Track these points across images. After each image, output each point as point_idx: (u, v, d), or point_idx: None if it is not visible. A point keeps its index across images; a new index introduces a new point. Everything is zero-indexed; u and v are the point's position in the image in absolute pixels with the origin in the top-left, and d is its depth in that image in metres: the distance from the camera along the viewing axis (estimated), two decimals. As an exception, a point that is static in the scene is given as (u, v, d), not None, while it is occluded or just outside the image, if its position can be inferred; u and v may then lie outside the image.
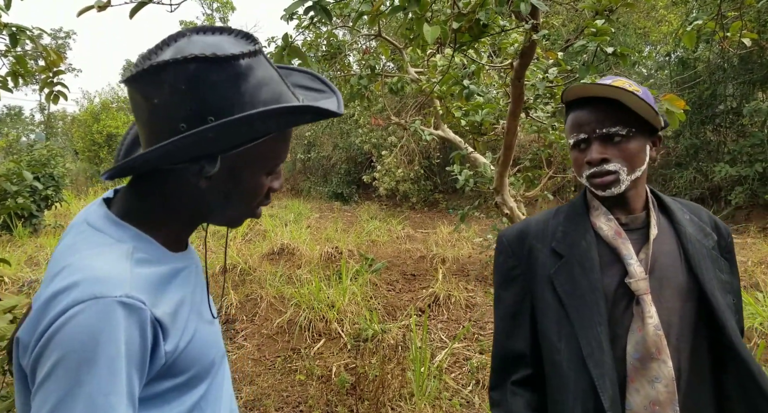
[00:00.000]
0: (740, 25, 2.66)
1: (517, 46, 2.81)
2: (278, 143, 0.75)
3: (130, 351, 0.62)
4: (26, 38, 2.69)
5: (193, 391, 0.74)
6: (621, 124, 1.03)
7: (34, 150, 8.53)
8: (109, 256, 0.67)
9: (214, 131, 0.66)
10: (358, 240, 7.03)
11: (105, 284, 0.62)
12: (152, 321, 0.65)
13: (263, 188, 0.78)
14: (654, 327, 1.00)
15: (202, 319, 0.78)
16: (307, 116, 0.73)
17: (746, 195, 7.80)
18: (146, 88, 0.68)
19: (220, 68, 0.67)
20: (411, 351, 3.31)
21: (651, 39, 10.67)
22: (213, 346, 0.78)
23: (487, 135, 4.07)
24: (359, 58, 4.74)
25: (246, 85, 0.68)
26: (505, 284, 1.16)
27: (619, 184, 1.04)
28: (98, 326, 0.59)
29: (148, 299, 0.65)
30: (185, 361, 0.71)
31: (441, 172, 10.88)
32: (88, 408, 0.58)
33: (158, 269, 0.71)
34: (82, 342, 0.59)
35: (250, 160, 0.73)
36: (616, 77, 1.09)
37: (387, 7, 2.09)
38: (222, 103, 0.67)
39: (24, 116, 30.83)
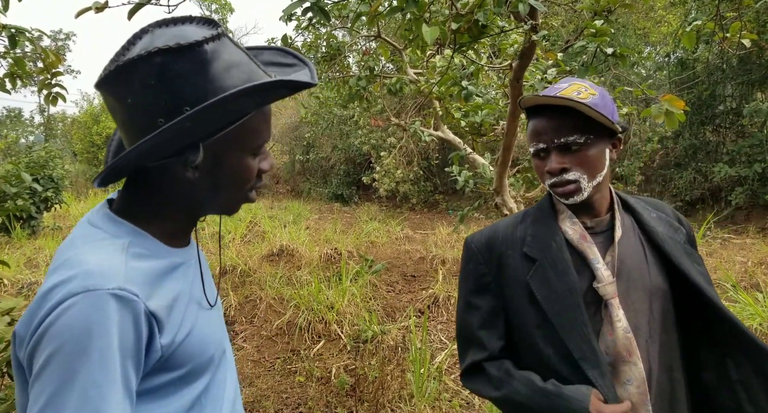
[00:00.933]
0: (739, 25, 2.66)
1: (517, 47, 2.81)
2: (258, 123, 0.75)
3: (123, 342, 0.62)
4: (25, 40, 2.69)
5: (192, 386, 0.74)
6: (578, 132, 1.03)
7: (32, 152, 8.53)
8: (104, 250, 0.68)
9: (190, 120, 0.66)
10: (358, 241, 7.03)
11: (98, 278, 0.63)
12: (146, 314, 0.65)
13: (252, 170, 0.78)
14: (623, 331, 1.01)
15: (201, 314, 0.78)
16: (281, 90, 0.73)
17: (746, 196, 7.79)
18: (118, 90, 0.69)
19: (185, 57, 0.66)
20: (411, 352, 3.31)
21: (650, 40, 10.68)
22: (212, 342, 0.78)
23: (486, 136, 4.06)
24: (359, 59, 4.74)
25: (214, 70, 0.68)
26: (478, 291, 1.15)
27: (581, 192, 1.05)
28: (91, 318, 0.60)
29: (141, 291, 0.65)
30: (182, 355, 0.71)
31: (440, 173, 10.88)
32: (81, 399, 0.58)
33: (154, 262, 0.72)
34: (74, 334, 0.59)
35: (233, 143, 0.73)
36: (571, 80, 1.09)
37: (385, 8, 2.09)
38: (194, 91, 0.67)
39: (23, 117, 30.80)
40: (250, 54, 0.76)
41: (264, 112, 0.76)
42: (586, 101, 1.01)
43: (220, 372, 0.81)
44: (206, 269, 0.87)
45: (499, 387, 1.08)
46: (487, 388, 1.11)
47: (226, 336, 0.88)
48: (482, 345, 1.12)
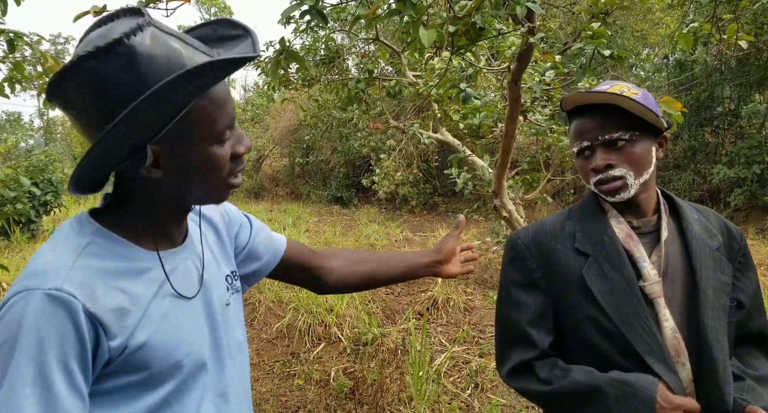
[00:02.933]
0: (736, 27, 2.67)
1: (515, 50, 2.81)
2: (208, 110, 0.70)
3: (55, 340, 0.62)
4: (24, 44, 2.69)
5: (154, 392, 0.72)
6: (623, 129, 1.02)
7: (32, 156, 8.53)
8: (59, 250, 0.68)
9: (123, 124, 0.62)
10: (357, 244, 7.03)
11: (39, 277, 0.64)
12: (87, 315, 0.64)
13: (219, 158, 0.73)
14: (671, 330, 1.00)
15: (173, 319, 0.74)
16: (216, 72, 0.67)
17: (745, 197, 7.80)
18: (62, 104, 0.67)
19: (108, 58, 0.62)
20: (410, 354, 3.30)
21: (649, 42, 10.70)
22: (183, 349, 0.74)
23: (485, 138, 4.07)
24: (358, 62, 4.75)
25: (143, 64, 0.64)
26: (526, 288, 1.12)
27: (628, 189, 1.03)
28: (23, 316, 0.61)
29: (83, 293, 0.64)
30: (140, 359, 0.69)
31: (440, 175, 10.88)
32: (6, 394, 0.59)
33: (113, 264, 0.70)
34: (8, 332, 0.61)
35: (186, 136, 0.69)
36: (613, 82, 1.09)
37: (383, 10, 2.09)
38: (125, 91, 0.63)
39: (23, 121, 30.83)
40: (188, 37, 0.71)
41: (211, 97, 0.70)
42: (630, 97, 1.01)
43: (196, 382, 0.77)
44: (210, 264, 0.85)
45: (552, 382, 1.04)
46: (537, 385, 1.07)
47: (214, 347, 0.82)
48: (532, 343, 1.08)
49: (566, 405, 1.04)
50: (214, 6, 25.14)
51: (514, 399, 3.00)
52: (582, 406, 1.01)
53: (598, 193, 1.09)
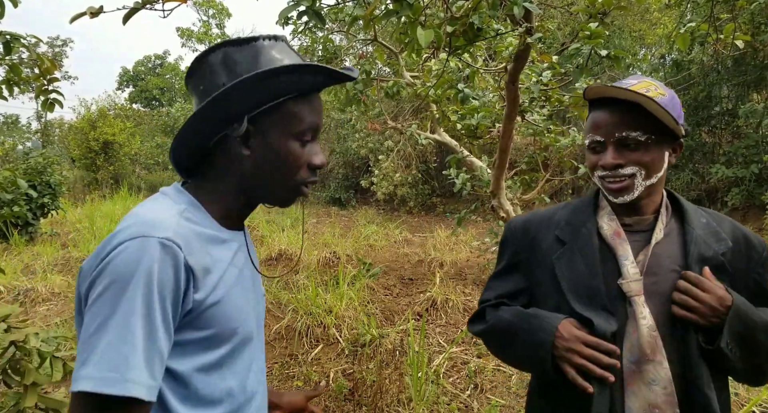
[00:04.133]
0: (733, 27, 2.67)
1: (512, 50, 2.82)
2: (300, 106, 0.84)
3: (162, 282, 0.72)
4: (20, 46, 2.69)
5: (213, 351, 0.81)
6: (641, 129, 0.99)
7: (30, 158, 8.50)
8: (163, 209, 0.80)
9: (232, 88, 0.77)
10: (356, 245, 7.02)
11: (152, 227, 0.74)
12: (185, 265, 0.75)
13: (297, 156, 0.85)
14: (648, 329, 0.98)
15: (237, 292, 0.85)
16: (316, 76, 0.82)
17: (742, 196, 7.82)
18: (194, 80, 0.86)
19: (242, 48, 0.83)
20: (409, 355, 3.30)
21: (646, 42, 10.72)
22: (239, 318, 0.84)
23: (482, 138, 4.07)
24: (355, 63, 4.75)
25: (263, 57, 0.82)
26: (509, 269, 1.20)
27: (633, 190, 1.02)
28: (138, 258, 0.71)
29: (185, 246, 0.75)
30: (209, 318, 0.79)
31: (438, 176, 10.89)
32: (120, 325, 0.69)
33: (202, 229, 0.82)
34: (124, 271, 0.71)
35: (276, 123, 0.83)
36: (642, 77, 1.05)
37: (381, 11, 2.09)
38: (244, 71, 0.81)
39: (21, 124, 30.79)
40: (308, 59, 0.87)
41: (309, 100, 0.85)
42: (656, 99, 0.98)
43: (244, 352, 0.87)
44: (252, 250, 0.97)
45: (488, 321, 1.14)
46: (480, 325, 1.17)
47: (257, 325, 0.93)
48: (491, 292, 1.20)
49: (498, 341, 1.15)
50: (211, 8, 25.15)
51: (513, 399, 3.00)
52: (507, 341, 1.11)
53: (601, 189, 1.09)
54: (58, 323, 4.25)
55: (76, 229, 8.31)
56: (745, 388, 2.89)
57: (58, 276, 5.56)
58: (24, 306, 4.77)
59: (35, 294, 5.01)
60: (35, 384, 1.70)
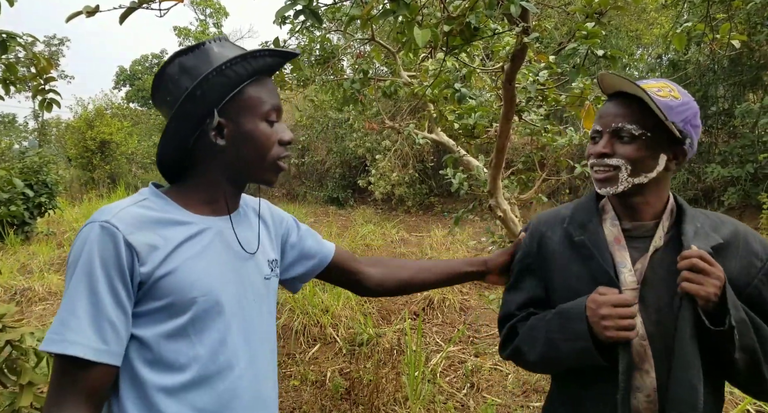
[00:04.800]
0: (729, 27, 2.68)
1: (509, 50, 2.82)
2: (258, 90, 0.95)
3: (104, 258, 0.84)
4: (16, 45, 2.68)
5: (174, 320, 0.90)
6: (637, 123, 1.00)
7: (26, 157, 8.47)
8: (123, 201, 0.93)
9: (198, 87, 0.89)
10: (353, 244, 7.02)
11: (99, 214, 0.88)
12: (125, 243, 0.86)
13: (268, 135, 0.96)
14: (638, 337, 0.98)
15: (203, 266, 0.94)
16: (266, 58, 0.95)
17: (738, 196, 7.84)
18: (160, 94, 0.96)
19: (193, 54, 0.94)
20: (406, 354, 3.30)
21: (643, 41, 10.74)
22: (199, 288, 0.92)
23: (480, 138, 4.07)
24: (353, 62, 4.75)
25: (213, 56, 0.93)
26: (523, 272, 1.21)
27: (617, 183, 1.02)
28: (83, 241, 0.86)
29: (124, 228, 0.87)
30: (163, 288, 0.89)
31: (435, 175, 10.88)
32: (67, 299, 0.83)
33: (156, 214, 0.92)
34: (74, 253, 0.86)
35: (243, 109, 0.94)
36: (665, 81, 1.06)
37: (378, 10, 2.09)
38: (201, 72, 0.91)
39: (17, 123, 30.64)
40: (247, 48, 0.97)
41: (264, 84, 0.97)
42: (660, 99, 0.98)
43: (214, 322, 0.94)
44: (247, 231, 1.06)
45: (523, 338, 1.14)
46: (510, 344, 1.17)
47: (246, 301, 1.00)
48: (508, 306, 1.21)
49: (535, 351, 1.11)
50: (209, 7, 25.08)
51: (510, 398, 3.01)
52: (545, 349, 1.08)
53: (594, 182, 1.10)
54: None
55: (73, 228, 8.29)
56: (740, 387, 2.91)
57: (55, 276, 5.54)
58: (20, 306, 4.75)
59: (31, 294, 4.99)
60: (31, 383, 1.70)
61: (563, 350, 1.04)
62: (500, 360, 3.44)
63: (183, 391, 0.90)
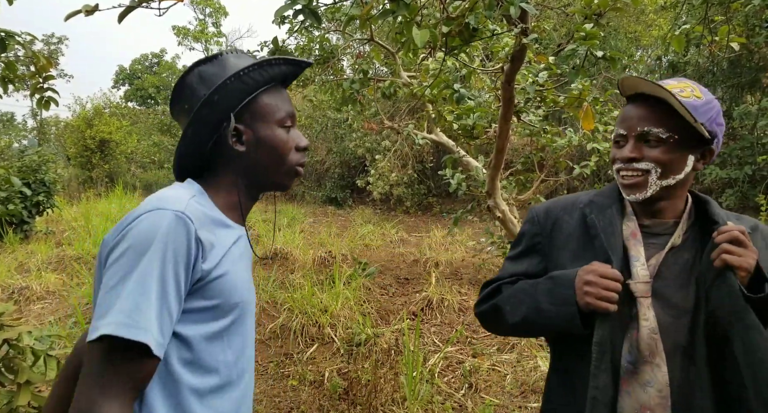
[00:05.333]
0: (727, 29, 2.69)
1: (508, 50, 2.82)
2: (273, 97, 0.98)
3: (176, 249, 0.82)
4: (15, 43, 2.67)
5: (218, 321, 0.90)
6: (663, 126, 0.99)
7: (24, 156, 8.46)
8: (176, 191, 0.92)
9: (216, 93, 0.92)
10: (352, 244, 7.02)
11: (167, 202, 0.86)
12: (196, 237, 0.84)
13: (285, 140, 0.99)
14: (649, 331, 0.99)
15: (239, 269, 0.95)
16: (282, 66, 0.98)
17: (737, 198, 7.85)
18: (180, 103, 0.98)
19: (212, 63, 0.98)
20: (404, 355, 3.30)
21: (642, 43, 10.76)
22: (240, 292, 0.93)
23: (479, 139, 4.08)
24: (352, 62, 4.75)
25: (230, 65, 0.97)
26: (526, 251, 1.20)
27: (646, 188, 1.02)
28: (155, 227, 0.82)
29: (195, 221, 0.85)
30: (215, 288, 0.88)
31: (434, 176, 10.89)
32: (138, 283, 0.78)
33: (210, 212, 0.93)
34: (142, 238, 0.81)
35: (259, 116, 0.97)
36: (686, 81, 1.05)
37: (378, 10, 2.09)
38: (218, 79, 0.94)
39: (16, 122, 30.61)
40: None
41: (278, 91, 0.99)
42: (684, 100, 0.97)
43: (242, 325, 0.96)
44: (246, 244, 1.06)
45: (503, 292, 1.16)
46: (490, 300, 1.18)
47: (252, 302, 1.02)
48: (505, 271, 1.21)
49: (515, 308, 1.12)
50: (208, 6, 25.07)
51: (508, 399, 3.01)
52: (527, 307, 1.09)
53: (618, 183, 1.09)
54: (52, 321, 4.23)
55: (71, 227, 8.28)
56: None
57: (53, 275, 5.54)
58: (18, 304, 4.74)
59: (29, 292, 4.99)
60: (29, 382, 1.70)
61: (547, 314, 1.05)
62: (498, 360, 3.44)
63: (211, 395, 0.90)
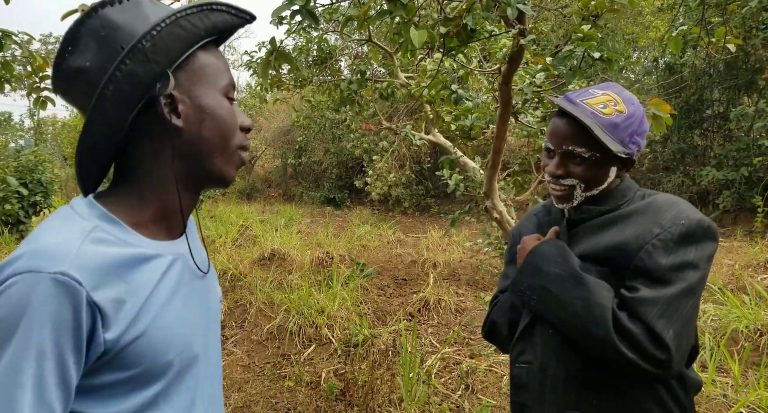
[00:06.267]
0: (724, 31, 2.70)
1: (505, 51, 2.83)
2: (213, 58, 0.75)
3: (58, 330, 0.59)
4: (12, 43, 2.67)
5: (144, 390, 0.69)
6: (586, 146, 1.03)
7: (21, 156, 8.43)
8: (64, 231, 0.65)
9: (149, 39, 0.65)
10: (350, 245, 7.02)
11: (44, 259, 0.60)
12: (89, 304, 0.61)
13: (231, 113, 0.76)
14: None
15: (169, 313, 0.72)
16: (225, 15, 0.74)
17: (733, 199, 7.88)
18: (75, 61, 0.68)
19: (121, 6, 0.69)
20: (401, 356, 3.30)
21: (639, 44, 10.79)
22: (174, 345, 0.71)
23: (476, 140, 4.08)
24: (350, 63, 4.75)
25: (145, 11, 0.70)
26: (507, 264, 1.33)
27: (572, 199, 1.09)
28: (25, 299, 0.58)
29: (88, 279, 0.62)
30: (132, 356, 0.66)
31: (432, 176, 10.89)
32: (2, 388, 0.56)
33: (117, 250, 0.67)
34: (6, 313, 0.58)
35: (199, 76, 0.72)
36: (605, 88, 1.09)
37: (376, 11, 2.09)
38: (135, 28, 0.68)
39: (13, 121, 30.49)
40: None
41: (216, 52, 0.77)
42: (604, 118, 1.02)
43: (186, 380, 0.75)
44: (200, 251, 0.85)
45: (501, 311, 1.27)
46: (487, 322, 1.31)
47: (207, 340, 0.81)
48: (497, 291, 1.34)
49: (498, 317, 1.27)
50: (206, 6, 25.01)
51: (504, 400, 3.01)
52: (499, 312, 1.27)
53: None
54: (48, 322, 4.22)
55: (68, 227, 8.25)
56: (733, 389, 2.92)
57: (49, 275, 5.52)
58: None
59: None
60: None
61: (519, 308, 1.19)
62: (495, 361, 3.44)
63: None
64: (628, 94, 1.09)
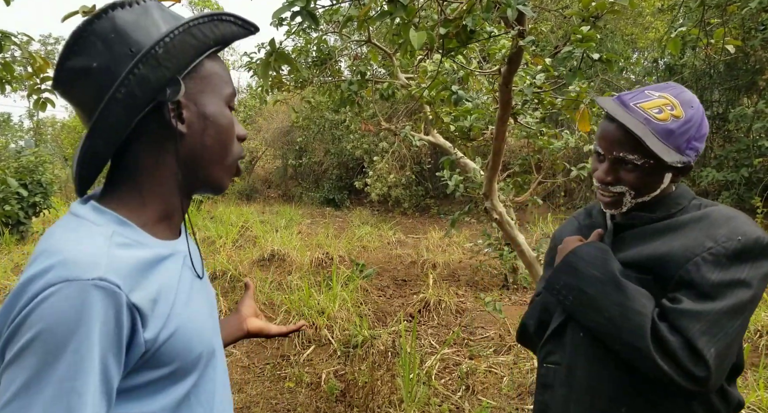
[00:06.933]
0: (723, 32, 2.70)
1: (505, 52, 2.83)
2: (218, 66, 0.77)
3: (104, 336, 0.60)
4: (11, 44, 2.67)
5: (179, 385, 0.71)
6: (638, 153, 0.98)
7: (21, 157, 8.44)
8: (85, 239, 0.65)
9: (161, 46, 0.67)
10: (350, 246, 7.02)
11: (78, 267, 0.60)
12: (129, 307, 0.62)
13: (232, 122, 0.78)
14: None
15: (190, 310, 0.74)
16: (233, 26, 0.76)
17: (733, 200, 7.88)
18: (82, 62, 0.68)
19: (132, 10, 0.70)
20: (401, 356, 3.30)
21: (639, 45, 10.79)
22: (200, 340, 0.74)
23: (476, 140, 4.08)
24: (350, 64, 4.75)
25: (156, 15, 0.72)
26: (546, 266, 1.29)
27: (621, 206, 1.04)
28: (69, 309, 0.58)
29: (125, 283, 0.62)
30: (168, 352, 0.68)
31: (432, 177, 10.89)
32: (55, 392, 0.56)
33: (140, 253, 0.68)
34: (52, 325, 0.57)
35: (204, 85, 0.74)
36: (667, 90, 1.01)
37: (376, 11, 2.09)
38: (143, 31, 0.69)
39: (13, 122, 30.49)
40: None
41: (220, 61, 0.78)
42: (659, 124, 0.96)
43: (208, 372, 0.77)
44: (195, 251, 0.85)
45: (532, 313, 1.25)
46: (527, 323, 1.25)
47: (217, 335, 0.83)
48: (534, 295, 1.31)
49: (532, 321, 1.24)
50: (206, 7, 25.03)
51: (504, 401, 3.01)
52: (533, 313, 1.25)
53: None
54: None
55: (68, 228, 8.25)
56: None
57: (49, 276, 5.52)
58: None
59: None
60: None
61: (551, 309, 1.16)
62: (495, 362, 3.44)
63: None
64: (688, 97, 1.01)
